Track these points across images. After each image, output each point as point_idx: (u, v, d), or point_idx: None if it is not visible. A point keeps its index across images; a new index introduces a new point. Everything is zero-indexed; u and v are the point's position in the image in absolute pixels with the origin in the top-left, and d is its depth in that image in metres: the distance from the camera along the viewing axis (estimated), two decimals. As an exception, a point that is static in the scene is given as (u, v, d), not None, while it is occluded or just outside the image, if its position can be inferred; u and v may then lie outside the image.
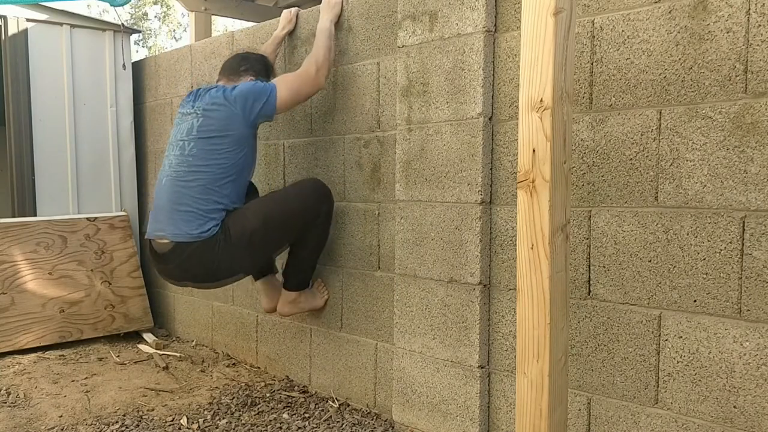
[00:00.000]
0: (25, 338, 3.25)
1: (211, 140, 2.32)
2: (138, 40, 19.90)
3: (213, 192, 2.30)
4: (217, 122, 2.32)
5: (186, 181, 2.32)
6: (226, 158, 2.31)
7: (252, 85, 2.37)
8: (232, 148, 2.32)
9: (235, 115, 2.32)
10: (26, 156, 3.57)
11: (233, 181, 2.34)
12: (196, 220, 2.27)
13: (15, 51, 3.53)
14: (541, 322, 1.25)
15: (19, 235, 3.38)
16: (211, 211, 2.29)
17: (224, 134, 2.32)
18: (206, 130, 2.33)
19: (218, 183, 2.30)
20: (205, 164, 2.30)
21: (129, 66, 3.89)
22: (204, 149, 2.32)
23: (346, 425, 2.38)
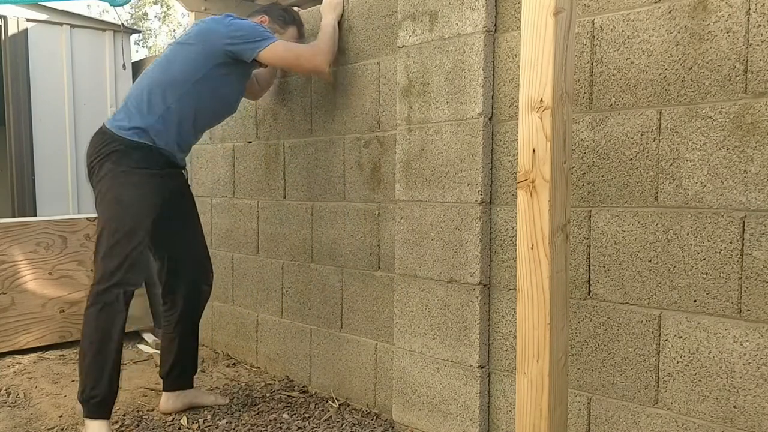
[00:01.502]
0: (25, 338, 3.25)
1: (187, 47, 2.29)
2: (138, 40, 19.91)
3: (158, 96, 2.23)
4: (195, 31, 2.31)
5: (145, 77, 2.30)
6: (184, 71, 2.25)
7: (255, 26, 2.32)
8: (194, 57, 2.26)
9: (216, 31, 2.27)
10: (26, 156, 3.58)
11: (182, 96, 2.25)
12: (127, 116, 2.24)
13: (15, 51, 3.54)
14: (541, 322, 1.25)
15: (19, 235, 3.38)
16: (140, 116, 2.22)
17: (197, 42, 2.27)
18: (186, 36, 2.33)
19: (167, 90, 2.24)
20: (167, 71, 2.27)
21: (129, 66, 3.90)
22: (173, 56, 2.30)
23: (346, 425, 2.38)
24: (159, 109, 2.24)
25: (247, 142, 3.05)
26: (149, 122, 2.23)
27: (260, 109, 2.98)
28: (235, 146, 3.14)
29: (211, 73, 2.30)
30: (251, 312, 3.09)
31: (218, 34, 2.27)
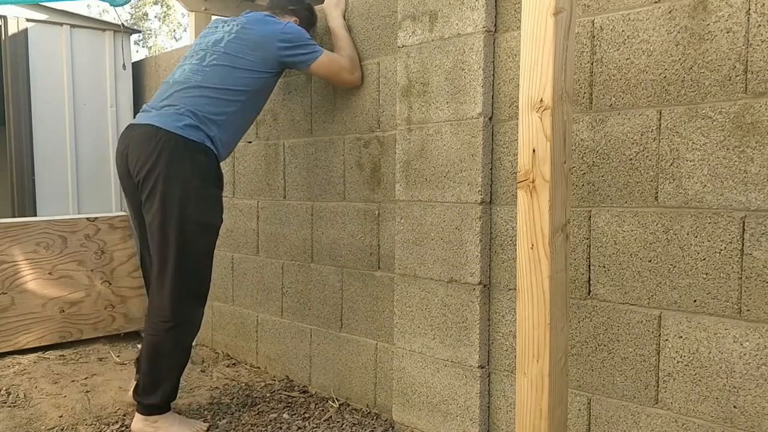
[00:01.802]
0: (25, 338, 3.25)
1: (236, 58, 2.24)
2: (138, 40, 19.91)
3: (215, 105, 2.20)
4: (251, 39, 2.26)
5: (194, 86, 2.22)
6: (241, 82, 2.24)
7: (302, 32, 2.33)
8: (250, 69, 2.25)
9: (271, 42, 2.26)
10: (26, 156, 3.58)
11: (241, 104, 2.25)
12: (185, 116, 2.15)
13: (15, 51, 3.54)
14: (541, 322, 1.25)
15: (19, 235, 3.38)
16: (205, 120, 2.17)
17: (253, 53, 2.25)
18: (235, 45, 2.26)
19: (224, 101, 2.22)
20: (219, 82, 2.22)
21: (129, 66, 3.90)
22: (224, 66, 2.24)
23: (346, 425, 2.38)
24: (222, 116, 2.22)
25: (247, 142, 3.05)
26: (216, 129, 2.21)
27: (260, 109, 2.98)
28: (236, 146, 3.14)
29: (268, 82, 2.34)
30: (251, 312, 3.09)
31: (274, 43, 2.27)
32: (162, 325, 2.20)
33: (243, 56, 2.26)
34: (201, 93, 2.21)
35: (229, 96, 2.24)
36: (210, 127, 2.19)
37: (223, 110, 2.23)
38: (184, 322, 2.22)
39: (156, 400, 2.24)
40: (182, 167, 2.12)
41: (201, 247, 2.22)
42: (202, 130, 2.18)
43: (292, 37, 2.30)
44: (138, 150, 2.16)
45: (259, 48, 2.27)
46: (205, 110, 2.19)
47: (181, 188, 2.12)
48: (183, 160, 2.12)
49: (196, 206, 2.15)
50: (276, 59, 2.30)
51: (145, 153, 2.13)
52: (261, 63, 2.27)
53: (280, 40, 2.28)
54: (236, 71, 2.25)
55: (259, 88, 2.32)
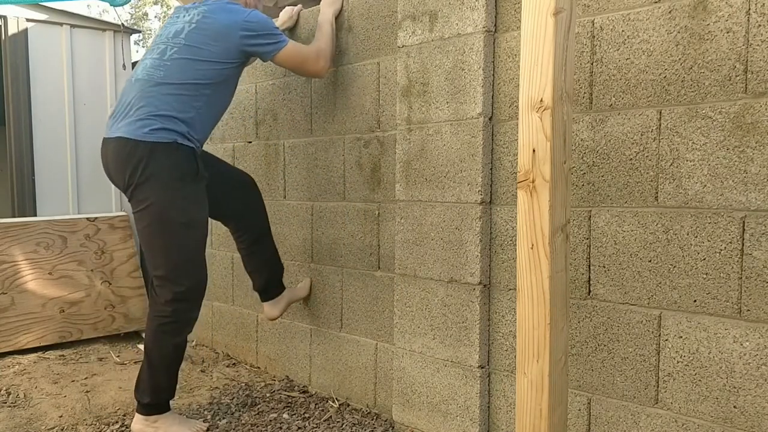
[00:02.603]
0: (25, 338, 3.25)
1: (196, 50, 2.17)
2: (138, 40, 19.90)
3: (181, 102, 2.15)
4: (212, 29, 2.18)
5: (156, 85, 2.16)
6: (204, 75, 2.17)
7: (267, 21, 2.27)
8: (212, 63, 2.18)
9: (234, 31, 2.19)
10: (26, 156, 3.58)
11: (207, 97, 2.19)
12: (148, 120, 2.11)
13: (15, 51, 3.54)
14: (541, 322, 1.25)
15: (19, 235, 3.38)
16: (165, 117, 2.12)
17: (214, 44, 2.17)
18: (196, 36, 2.18)
19: (189, 96, 2.16)
20: (182, 77, 2.16)
21: (129, 66, 3.90)
22: (184, 59, 2.17)
23: (346, 425, 2.38)
24: (190, 112, 2.17)
25: (247, 142, 3.05)
26: (185, 126, 2.16)
27: (260, 109, 2.98)
28: (235, 146, 3.14)
29: (233, 72, 2.28)
30: (251, 312, 3.09)
31: (237, 32, 2.19)
32: (157, 321, 2.21)
33: (205, 47, 2.17)
34: (164, 91, 2.15)
35: (193, 91, 2.17)
36: (178, 123, 2.14)
37: (189, 105, 2.16)
38: (179, 320, 2.22)
39: (153, 399, 2.25)
40: (157, 172, 2.11)
41: (191, 245, 2.20)
42: (172, 129, 2.13)
43: (255, 26, 2.22)
44: (115, 166, 2.19)
45: (220, 38, 2.18)
46: (170, 108, 2.13)
47: (161, 194, 2.12)
48: (157, 165, 2.11)
49: (178, 207, 2.14)
50: (238, 48, 2.21)
51: (122, 169, 2.15)
52: (223, 53, 2.19)
53: (242, 29, 2.20)
54: (198, 63, 2.17)
55: (224, 80, 2.24)
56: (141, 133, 2.11)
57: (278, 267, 2.67)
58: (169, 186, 2.13)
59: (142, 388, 2.27)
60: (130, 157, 2.11)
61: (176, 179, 2.14)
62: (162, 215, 2.13)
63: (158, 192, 2.12)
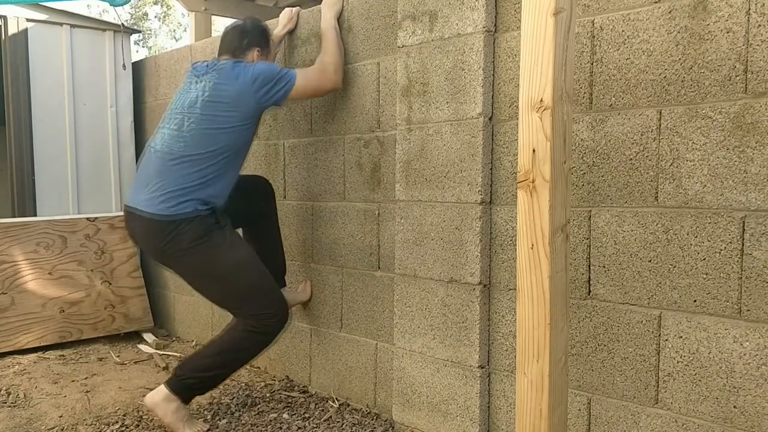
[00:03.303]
0: (25, 338, 3.25)
1: (214, 119, 2.23)
2: (138, 40, 19.90)
3: (200, 171, 2.22)
4: (226, 99, 2.25)
5: (177, 158, 2.23)
6: (224, 140, 2.24)
7: (271, 69, 2.30)
8: (233, 126, 2.24)
9: (247, 95, 2.25)
10: (26, 156, 3.58)
11: (227, 159, 2.26)
12: (172, 196, 2.20)
13: (15, 51, 3.53)
14: (541, 322, 1.25)
15: (19, 235, 3.38)
16: (188, 189, 2.21)
17: (228, 114, 2.24)
18: (211, 106, 2.25)
19: (209, 163, 2.23)
20: (201, 147, 2.22)
21: (129, 66, 3.89)
22: (203, 130, 2.23)
23: (346, 425, 2.38)
24: (210, 177, 2.25)
25: (247, 142, 3.05)
26: (205, 192, 2.24)
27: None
28: (235, 146, 3.13)
29: (251, 130, 2.34)
30: (251, 312, 3.09)
31: (250, 94, 2.26)
32: (244, 326, 2.29)
33: (223, 115, 2.25)
34: (184, 164, 2.23)
35: (212, 159, 2.25)
36: (201, 191, 2.23)
37: (210, 171, 2.25)
38: (266, 332, 2.32)
39: (192, 386, 2.31)
40: (185, 243, 2.22)
41: (246, 281, 2.29)
42: (195, 199, 2.22)
43: (264, 80, 2.27)
44: (144, 242, 2.37)
45: (239, 104, 2.26)
46: (190, 181, 2.22)
47: (193, 258, 2.25)
48: (182, 237, 2.21)
49: (215, 259, 2.26)
50: (256, 108, 2.29)
51: (151, 244, 2.31)
52: (243, 117, 2.27)
53: (255, 90, 2.26)
54: (217, 132, 2.24)
55: (243, 139, 2.32)
56: (164, 209, 2.20)
57: (281, 262, 2.70)
58: (198, 248, 2.23)
59: (192, 368, 2.31)
60: (158, 234, 2.24)
61: (202, 239, 2.23)
62: (204, 273, 2.29)
63: (190, 258, 2.25)
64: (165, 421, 2.28)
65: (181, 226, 2.20)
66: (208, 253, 2.24)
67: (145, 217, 2.24)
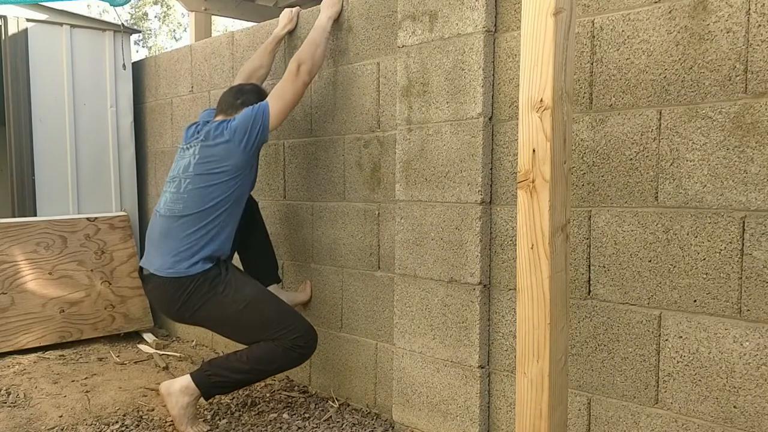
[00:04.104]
0: (25, 338, 3.25)
1: (207, 176, 2.31)
2: (138, 40, 19.90)
3: (203, 227, 2.30)
4: (214, 157, 2.32)
5: (178, 217, 2.33)
6: (221, 193, 2.31)
7: (245, 115, 2.34)
8: (227, 180, 2.31)
9: (233, 149, 2.31)
10: (26, 156, 3.57)
11: (227, 209, 2.33)
12: (182, 256, 2.29)
13: (15, 51, 3.53)
14: (541, 322, 1.25)
15: (19, 235, 3.38)
16: (196, 248, 2.29)
17: (220, 169, 2.31)
18: (202, 165, 2.33)
19: (210, 218, 2.31)
20: (199, 204, 2.31)
21: (129, 66, 3.89)
22: (198, 188, 2.31)
23: (346, 425, 2.38)
24: (212, 231, 2.31)
25: (247, 142, 3.05)
26: (209, 248, 2.31)
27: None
28: (235, 146, 3.13)
29: (248, 177, 2.39)
30: (251, 312, 3.09)
31: (234, 148, 2.30)
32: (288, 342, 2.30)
33: (215, 171, 2.31)
34: (185, 224, 2.31)
35: (214, 213, 2.31)
36: (206, 248, 2.30)
37: (212, 226, 2.32)
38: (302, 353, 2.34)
39: (217, 383, 2.34)
40: (198, 301, 2.30)
41: (263, 314, 2.32)
42: (201, 259, 2.29)
43: (242, 127, 2.30)
44: (160, 306, 2.46)
45: (228, 159, 2.31)
46: (197, 237, 2.30)
47: (210, 311, 2.32)
48: (196, 296, 2.30)
49: (228, 304, 2.30)
50: (245, 155, 2.32)
51: (168, 309, 2.39)
52: (234, 169, 2.32)
53: (237, 139, 2.30)
54: (212, 187, 2.31)
55: (240, 189, 2.36)
56: (173, 273, 2.29)
57: (272, 259, 2.75)
58: (208, 303, 2.30)
59: (222, 367, 2.34)
60: (171, 296, 2.32)
61: (210, 293, 2.30)
62: (222, 322, 2.35)
63: (204, 313, 2.32)
64: (172, 413, 2.30)
65: (189, 288, 2.28)
66: (218, 303, 2.30)
67: (158, 280, 2.33)
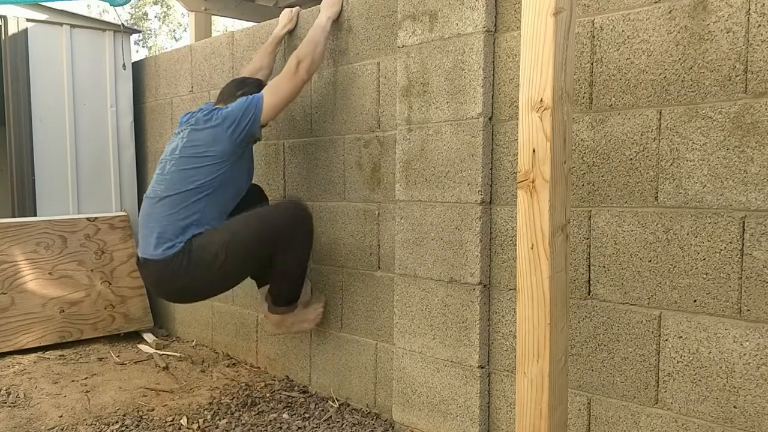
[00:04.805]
0: (25, 338, 3.25)
1: (191, 159, 2.31)
2: (138, 40, 19.90)
3: (182, 210, 2.29)
4: (200, 141, 2.33)
5: (159, 199, 2.34)
6: (202, 176, 2.30)
7: (239, 104, 2.35)
8: (210, 164, 2.31)
9: (220, 134, 2.31)
10: (26, 156, 3.57)
11: (209, 195, 2.32)
12: (159, 239, 2.30)
13: (15, 51, 3.53)
14: (541, 322, 1.25)
15: (19, 235, 3.38)
16: (175, 230, 2.29)
17: (205, 153, 2.31)
18: (188, 149, 2.33)
19: (190, 201, 2.30)
20: (179, 186, 2.31)
21: (129, 66, 3.89)
22: (181, 170, 2.32)
23: (346, 425, 2.38)
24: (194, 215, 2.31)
25: (247, 142, 3.05)
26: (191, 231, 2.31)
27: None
28: (235, 146, 3.13)
29: (232, 167, 2.37)
30: (251, 312, 3.09)
31: (221, 133, 2.31)
32: None
33: (198, 155, 2.32)
34: (168, 204, 2.32)
35: (194, 196, 2.31)
36: (187, 231, 2.30)
37: (193, 209, 2.31)
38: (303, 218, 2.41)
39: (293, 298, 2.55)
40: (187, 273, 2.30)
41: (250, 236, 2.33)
42: (181, 240, 2.29)
43: (232, 116, 2.31)
44: (155, 289, 2.50)
45: (214, 144, 2.31)
46: (176, 220, 2.30)
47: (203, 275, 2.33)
48: (181, 270, 2.30)
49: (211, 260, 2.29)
50: (232, 143, 2.32)
51: (161, 290, 2.45)
52: (218, 155, 2.32)
53: (225, 126, 2.31)
54: (195, 170, 2.31)
55: (223, 176, 2.34)
56: (163, 253, 2.29)
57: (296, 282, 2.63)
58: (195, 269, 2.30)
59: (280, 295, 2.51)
60: (159, 277, 2.36)
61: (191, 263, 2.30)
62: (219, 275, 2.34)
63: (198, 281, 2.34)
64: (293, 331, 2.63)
65: (172, 267, 2.29)
66: (204, 266, 2.28)
67: (148, 265, 2.35)
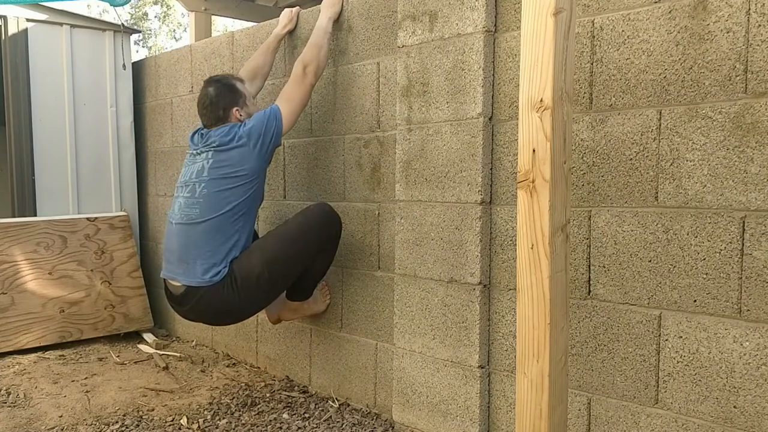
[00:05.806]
0: (25, 338, 3.25)
1: (223, 180, 2.31)
2: (138, 40, 19.90)
3: (223, 233, 2.30)
4: (230, 161, 2.32)
5: (196, 224, 2.32)
6: (237, 197, 2.31)
7: (260, 121, 2.35)
8: (243, 183, 2.32)
9: (248, 153, 2.32)
10: (26, 156, 3.58)
11: (244, 214, 2.34)
12: (205, 265, 2.29)
13: (15, 51, 3.53)
14: (541, 322, 1.25)
15: (19, 235, 3.38)
16: (220, 255, 2.29)
17: (236, 173, 2.31)
18: (217, 170, 2.32)
19: (229, 223, 2.30)
20: (216, 209, 2.30)
21: (129, 66, 3.89)
22: (214, 192, 2.31)
23: (346, 425, 2.38)
24: (234, 236, 2.32)
25: (247, 142, 3.05)
26: (232, 253, 2.32)
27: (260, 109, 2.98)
28: (235, 146, 3.13)
29: (261, 180, 2.41)
30: (251, 312, 3.09)
31: (248, 153, 2.32)
32: None
33: (230, 175, 2.32)
34: (209, 228, 2.30)
35: (232, 217, 2.31)
36: (230, 252, 2.31)
37: (233, 230, 2.32)
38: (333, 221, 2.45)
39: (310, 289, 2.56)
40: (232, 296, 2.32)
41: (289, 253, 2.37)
42: (224, 265, 2.30)
43: (256, 134, 2.33)
44: (204, 317, 2.46)
45: (243, 163, 2.32)
46: (219, 244, 2.30)
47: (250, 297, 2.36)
48: (231, 292, 2.32)
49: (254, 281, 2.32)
50: (260, 160, 2.35)
51: (212, 316, 2.45)
52: (249, 173, 2.33)
53: (252, 144, 2.32)
54: (229, 191, 2.31)
55: (255, 192, 2.38)
56: (204, 279, 2.29)
57: None
58: (240, 291, 2.32)
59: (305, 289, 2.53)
60: (215, 304, 2.34)
61: (235, 284, 2.31)
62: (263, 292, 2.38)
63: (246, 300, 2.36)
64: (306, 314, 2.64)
65: (222, 292, 2.29)
66: (250, 286, 2.31)
67: (198, 292, 2.31)
